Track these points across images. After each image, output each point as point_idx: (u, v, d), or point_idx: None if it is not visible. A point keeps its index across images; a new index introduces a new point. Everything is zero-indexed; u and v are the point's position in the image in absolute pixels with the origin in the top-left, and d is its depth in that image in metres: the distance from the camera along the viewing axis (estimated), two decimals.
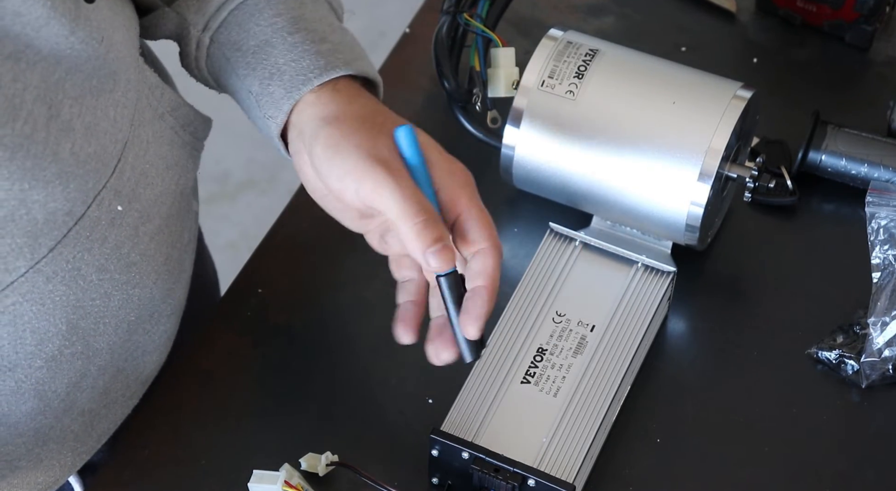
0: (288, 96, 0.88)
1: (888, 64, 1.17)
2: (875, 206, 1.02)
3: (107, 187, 0.86)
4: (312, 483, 0.93)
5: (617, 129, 0.99)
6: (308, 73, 0.88)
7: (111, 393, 0.95)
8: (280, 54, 0.89)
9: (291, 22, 0.90)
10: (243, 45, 0.91)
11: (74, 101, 0.82)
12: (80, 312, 0.88)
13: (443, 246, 0.82)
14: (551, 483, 0.89)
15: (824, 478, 0.95)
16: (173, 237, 0.95)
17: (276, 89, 0.89)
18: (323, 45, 0.90)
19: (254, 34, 0.91)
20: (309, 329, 1.02)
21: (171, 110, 0.93)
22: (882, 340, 0.98)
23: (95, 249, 0.87)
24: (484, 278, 0.84)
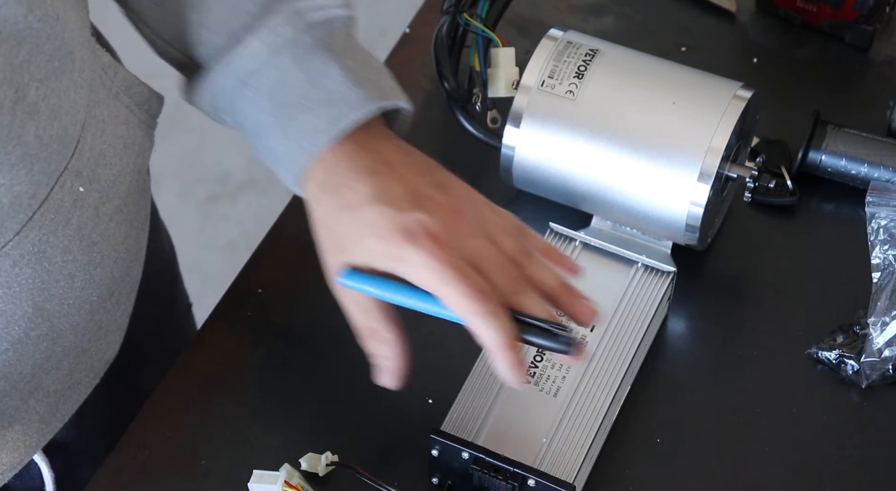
0: (292, 179, 0.90)
1: (888, 64, 1.17)
2: (875, 206, 1.02)
3: (68, 169, 0.86)
4: (312, 483, 0.93)
5: (617, 129, 0.99)
6: (297, 156, 0.89)
7: (76, 374, 0.95)
8: (272, 136, 0.90)
9: (271, 98, 0.90)
10: (244, 126, 0.92)
11: (40, 83, 0.81)
12: (45, 293, 0.88)
13: (382, 366, 0.88)
14: (551, 483, 0.89)
15: (824, 478, 0.95)
16: (131, 215, 0.94)
17: (280, 172, 0.91)
18: (303, 118, 0.89)
19: (247, 116, 0.91)
20: (309, 329, 1.02)
21: (125, 89, 0.93)
22: (882, 340, 0.98)
23: (59, 230, 0.87)
24: (482, 343, 0.85)
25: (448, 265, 0.84)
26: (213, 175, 2.23)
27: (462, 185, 0.89)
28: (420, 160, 0.89)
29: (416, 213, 0.85)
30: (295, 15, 0.90)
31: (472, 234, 0.86)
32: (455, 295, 0.84)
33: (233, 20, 0.90)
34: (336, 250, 0.88)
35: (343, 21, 0.92)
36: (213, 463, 0.95)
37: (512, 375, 0.84)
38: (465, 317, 0.84)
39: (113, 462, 0.96)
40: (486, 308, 0.83)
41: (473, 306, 0.83)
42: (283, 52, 0.89)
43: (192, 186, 2.23)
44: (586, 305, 0.88)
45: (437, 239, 0.84)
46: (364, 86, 0.89)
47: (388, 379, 0.88)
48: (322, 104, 0.88)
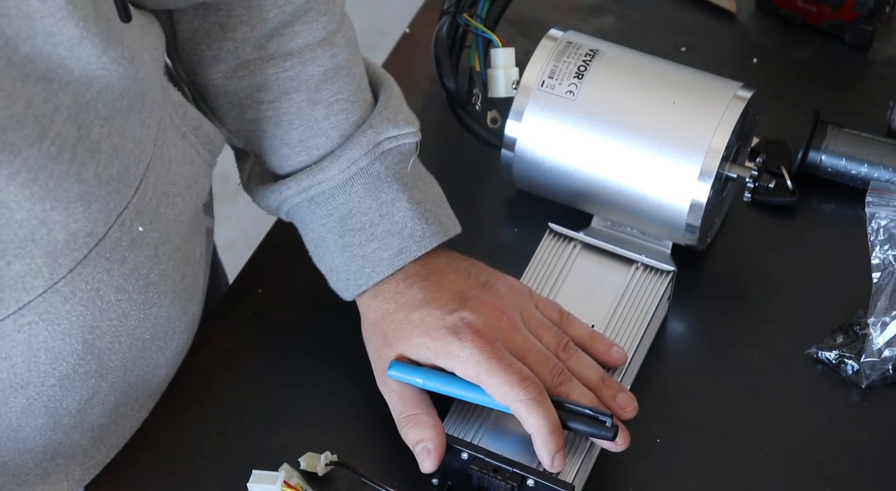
0: (347, 293, 0.97)
1: (888, 64, 1.17)
2: (875, 206, 1.02)
3: (128, 208, 0.86)
4: (312, 483, 0.93)
5: (617, 129, 0.99)
6: (357, 279, 0.95)
7: (121, 408, 0.94)
8: (333, 254, 0.96)
9: (339, 222, 0.95)
10: (306, 236, 0.98)
11: (105, 121, 0.81)
12: (96, 331, 0.87)
13: (422, 451, 0.91)
14: (551, 483, 0.89)
15: (824, 478, 0.95)
16: (188, 255, 0.95)
17: (336, 285, 0.96)
18: (369, 246, 0.94)
19: (311, 229, 0.97)
20: (309, 329, 1.02)
21: (193, 129, 0.93)
22: (882, 340, 0.98)
23: (115, 269, 0.86)
24: (526, 427, 0.89)
25: (492, 357, 0.89)
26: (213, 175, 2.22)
27: (506, 282, 0.95)
28: (467, 265, 0.96)
29: (462, 312, 0.91)
30: (373, 146, 0.95)
31: (514, 328, 0.92)
32: (500, 384, 0.89)
33: (314, 142, 0.95)
34: (385, 347, 0.93)
35: (410, 147, 0.97)
36: (213, 463, 0.95)
37: (555, 461, 0.89)
38: (509, 404, 0.89)
39: (113, 462, 0.96)
40: (530, 395, 0.89)
41: (517, 393, 0.88)
42: (357, 180, 0.95)
43: None
44: (626, 398, 0.92)
45: (481, 334, 0.90)
46: (429, 221, 0.95)
47: (431, 463, 0.90)
48: (389, 235, 0.94)
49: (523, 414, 0.89)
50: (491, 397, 0.90)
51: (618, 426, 0.89)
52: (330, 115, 0.95)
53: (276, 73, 0.93)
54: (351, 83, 0.95)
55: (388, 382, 0.93)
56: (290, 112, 0.94)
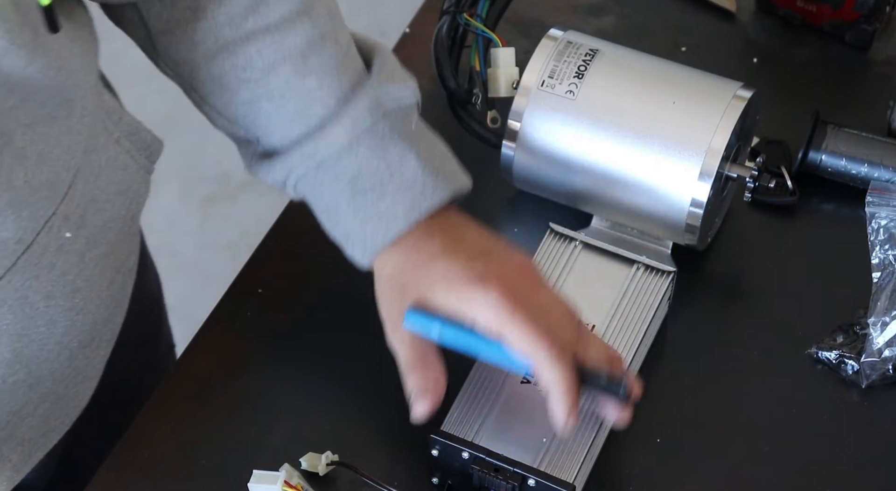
0: (363, 260, 0.94)
1: (888, 64, 1.17)
2: (875, 206, 1.02)
3: (56, 214, 0.85)
4: (312, 483, 0.93)
5: (617, 129, 0.99)
6: (373, 239, 0.92)
7: (51, 420, 0.93)
8: (347, 218, 0.93)
9: (350, 184, 0.93)
10: (317, 206, 0.95)
11: (27, 128, 0.80)
12: (24, 339, 0.86)
13: (416, 397, 0.89)
14: (551, 483, 0.89)
15: (824, 478, 0.95)
16: (118, 262, 0.93)
17: (352, 252, 0.94)
18: (382, 204, 0.92)
19: (321, 197, 0.94)
20: (309, 329, 1.02)
21: (127, 135, 0.92)
22: (882, 340, 0.98)
23: (43, 275, 0.85)
24: (543, 381, 0.88)
25: (517, 307, 0.87)
26: (213, 175, 2.22)
27: (522, 252, 0.93)
28: (482, 229, 0.94)
29: (487, 264, 0.89)
30: (374, 105, 0.93)
31: (538, 285, 0.90)
32: (524, 335, 0.87)
33: (311, 111, 0.93)
34: (402, 298, 0.91)
35: (412, 106, 0.96)
36: (213, 463, 0.95)
37: (569, 418, 0.87)
38: (533, 355, 0.87)
39: (113, 462, 0.96)
40: (555, 349, 0.87)
41: (542, 346, 0.86)
42: (362, 141, 0.93)
43: (192, 186, 2.23)
44: (634, 378, 0.91)
45: (505, 284, 0.88)
46: (437, 174, 0.93)
47: (424, 406, 0.89)
48: (401, 191, 0.92)
49: (546, 367, 0.86)
50: (509, 353, 0.88)
51: (630, 389, 0.88)
52: (322, 84, 0.92)
53: (259, 50, 0.91)
54: (338, 51, 0.93)
55: (399, 332, 0.91)
56: (281, 85, 0.92)
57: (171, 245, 2.15)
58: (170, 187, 2.21)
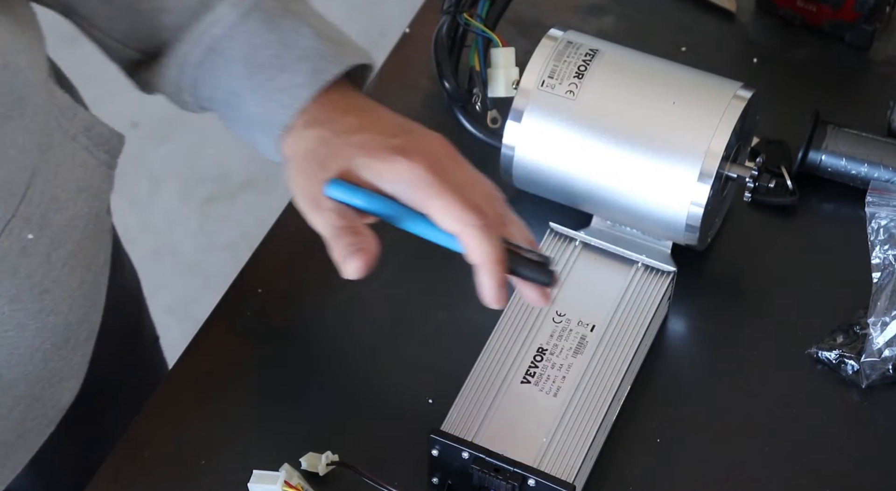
0: (271, 142, 0.90)
1: (888, 64, 1.17)
2: (875, 206, 1.02)
3: (16, 216, 0.84)
4: (312, 483, 0.93)
5: (617, 129, 0.99)
6: (277, 114, 0.89)
7: (27, 422, 0.92)
8: (249, 101, 0.90)
9: (244, 65, 0.90)
10: (216, 99, 0.92)
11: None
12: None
13: (351, 254, 0.84)
14: (551, 483, 0.89)
15: (824, 478, 0.95)
16: (88, 260, 0.92)
17: (260, 137, 0.90)
18: (281, 78, 0.89)
19: (219, 87, 0.91)
20: (309, 329, 1.02)
21: (84, 131, 0.90)
22: (882, 340, 0.98)
23: (7, 280, 0.84)
24: (472, 256, 0.84)
25: (442, 179, 0.84)
26: (213, 175, 2.22)
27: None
28: (392, 112, 0.91)
29: (407, 139, 0.86)
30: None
31: (459, 162, 0.87)
32: (449, 207, 0.84)
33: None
34: (319, 172, 0.86)
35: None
36: (213, 463, 0.95)
37: (497, 294, 0.85)
38: (458, 230, 0.84)
39: (113, 462, 0.96)
40: (481, 221, 0.84)
41: (468, 218, 0.83)
42: (252, 16, 0.89)
43: (192, 186, 2.23)
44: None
45: (428, 158, 0.85)
46: (336, 42, 0.90)
47: (358, 266, 0.84)
48: (299, 61, 0.89)
49: (472, 241, 0.84)
50: (434, 225, 0.85)
51: (554, 272, 0.87)
52: None
53: None
54: None
55: (321, 202, 0.86)
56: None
57: (171, 245, 2.15)
58: (170, 187, 2.21)
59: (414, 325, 1.01)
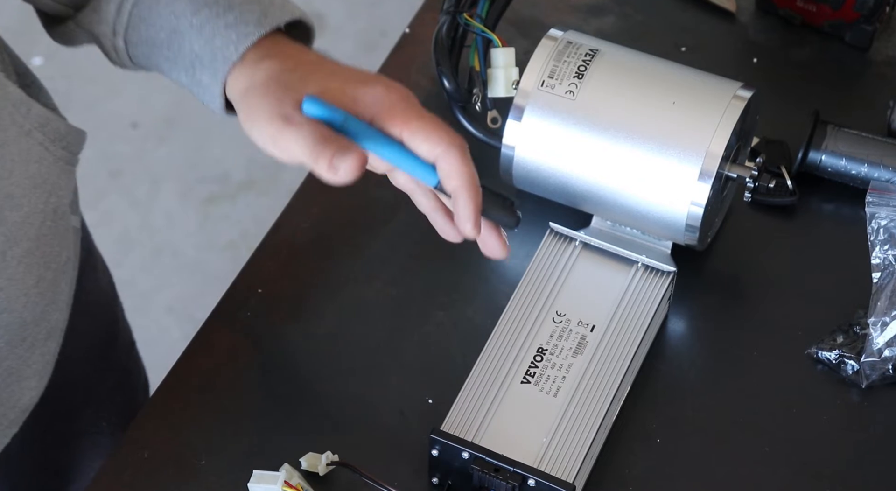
0: (214, 81, 0.87)
1: (888, 64, 1.17)
2: (875, 206, 1.02)
3: None
4: (312, 483, 0.93)
5: (617, 129, 0.99)
6: (224, 50, 0.86)
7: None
8: (193, 40, 0.87)
9: (190, 1, 0.88)
10: (155, 39, 0.89)
11: None
12: None
13: (342, 154, 0.80)
14: (551, 483, 0.89)
15: (824, 478, 0.95)
16: (47, 258, 0.91)
17: (201, 77, 0.88)
18: (229, 16, 0.87)
19: (160, 26, 0.88)
20: (309, 329, 1.02)
21: (39, 126, 0.89)
22: (882, 340, 0.98)
23: None
24: (454, 178, 0.84)
25: (421, 108, 0.83)
26: (213, 175, 2.22)
27: None
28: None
29: (377, 76, 0.85)
30: None
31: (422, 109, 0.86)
32: (434, 128, 0.83)
33: None
34: (285, 93, 0.84)
35: None
36: (213, 463, 0.95)
37: (477, 220, 0.84)
38: (442, 150, 0.83)
39: (113, 462, 0.96)
40: (464, 143, 0.83)
41: (451, 139, 0.83)
42: None
43: (192, 186, 2.23)
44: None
45: (403, 90, 0.84)
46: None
47: (353, 165, 0.81)
48: (247, 2, 0.87)
49: (455, 162, 0.83)
50: (407, 151, 0.84)
51: (519, 217, 0.87)
52: None
53: None
54: None
55: (295, 118, 0.82)
56: None
57: (171, 245, 2.15)
58: (170, 187, 2.21)
59: (414, 325, 1.01)
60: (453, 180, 0.83)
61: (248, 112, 0.85)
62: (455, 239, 0.88)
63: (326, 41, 2.30)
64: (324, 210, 0.94)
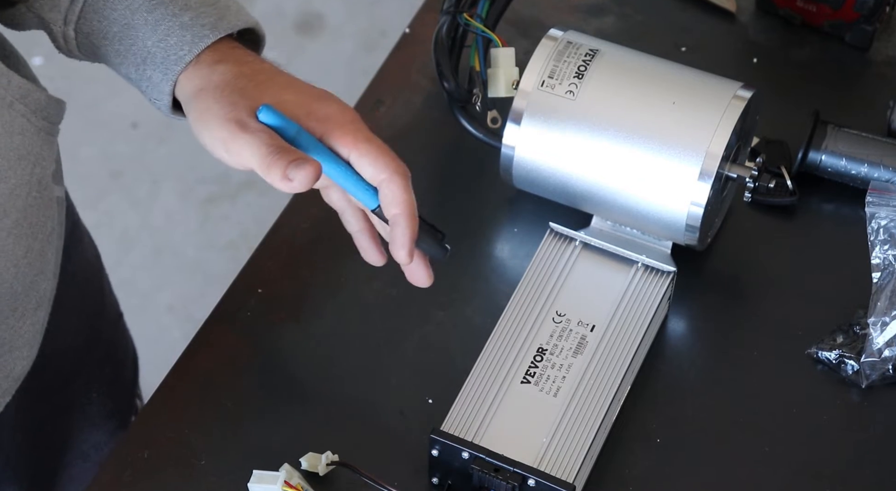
0: (165, 79, 0.88)
1: (888, 64, 1.17)
2: (875, 206, 1.02)
3: None
4: (312, 483, 0.93)
5: (617, 129, 0.99)
6: (178, 50, 0.87)
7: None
8: (146, 36, 0.88)
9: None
10: (107, 32, 0.89)
11: None
12: None
13: (297, 163, 0.82)
14: (551, 483, 0.89)
15: (824, 478, 0.95)
16: (34, 228, 0.91)
17: (152, 73, 0.88)
18: (185, 16, 0.88)
19: (114, 20, 0.89)
20: (309, 329, 1.02)
21: (20, 98, 0.89)
22: (882, 340, 0.98)
23: None
24: (395, 206, 0.85)
25: (367, 129, 0.85)
26: (213, 175, 2.22)
27: None
28: None
29: (330, 93, 0.87)
30: None
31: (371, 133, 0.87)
32: (382, 153, 0.84)
33: None
34: (240, 98, 0.85)
35: None
36: (213, 463, 0.95)
37: (410, 248, 0.85)
38: (387, 175, 0.84)
39: (113, 462, 0.96)
40: (407, 172, 0.85)
41: (397, 166, 0.84)
42: None
43: (192, 186, 2.23)
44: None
45: (354, 112, 0.86)
46: (236, 4, 0.90)
47: (309, 175, 0.82)
48: (204, 5, 0.88)
49: (400, 189, 0.84)
50: (352, 172, 0.85)
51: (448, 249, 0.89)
52: None
53: None
54: None
55: (249, 124, 0.84)
56: None
57: (171, 245, 2.15)
58: (170, 187, 2.21)
59: (414, 325, 1.01)
60: (394, 207, 0.85)
61: (200, 113, 0.86)
62: (376, 262, 0.90)
63: (326, 41, 2.30)
64: (324, 210, 0.94)
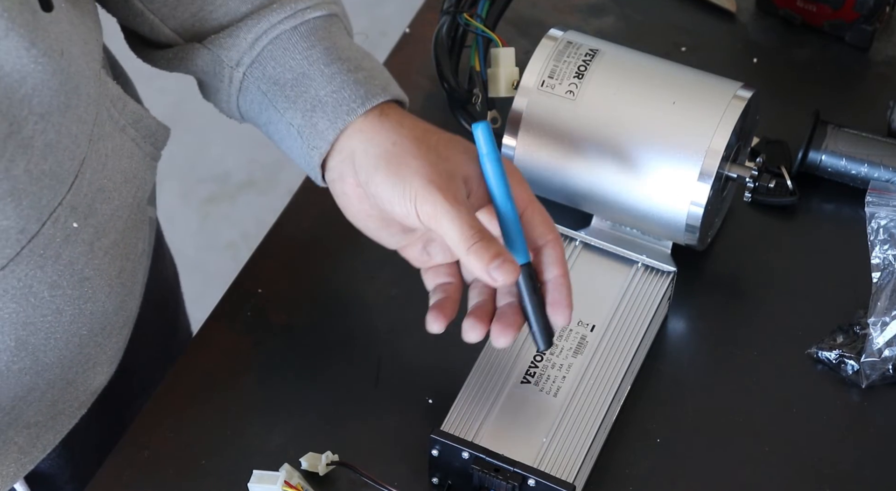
0: (332, 127, 0.90)
1: (888, 64, 1.17)
2: (875, 206, 1.02)
3: (63, 204, 0.84)
4: (312, 483, 0.93)
5: (617, 129, 0.99)
6: (350, 102, 0.90)
7: (59, 405, 0.93)
8: (319, 86, 0.91)
9: (325, 53, 0.92)
10: (280, 78, 0.92)
11: (40, 118, 0.80)
12: (29, 328, 0.86)
13: (503, 261, 0.85)
14: (551, 483, 0.89)
15: (824, 478, 0.95)
16: (128, 249, 0.93)
17: (319, 121, 0.90)
18: (359, 74, 0.91)
19: (290, 68, 0.92)
20: (309, 329, 1.02)
21: (132, 123, 0.92)
22: (882, 340, 0.98)
23: (49, 266, 0.85)
24: (559, 267, 0.89)
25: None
26: (213, 175, 2.23)
27: None
28: None
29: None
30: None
31: None
32: (548, 216, 0.90)
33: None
34: (437, 160, 0.87)
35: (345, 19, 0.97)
36: (213, 463, 0.95)
37: (571, 306, 0.89)
38: (555, 237, 0.89)
39: (113, 462, 0.96)
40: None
41: (558, 233, 0.91)
42: (333, 20, 0.94)
43: (192, 186, 2.23)
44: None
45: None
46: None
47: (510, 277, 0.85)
48: (376, 70, 0.92)
49: (561, 253, 0.89)
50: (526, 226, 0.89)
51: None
52: None
53: None
54: None
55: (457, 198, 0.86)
56: None
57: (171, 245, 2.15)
58: (170, 187, 2.21)
59: (414, 325, 1.01)
60: (557, 268, 0.89)
61: (395, 166, 0.87)
62: (434, 328, 0.90)
63: None
64: (324, 210, 0.95)
